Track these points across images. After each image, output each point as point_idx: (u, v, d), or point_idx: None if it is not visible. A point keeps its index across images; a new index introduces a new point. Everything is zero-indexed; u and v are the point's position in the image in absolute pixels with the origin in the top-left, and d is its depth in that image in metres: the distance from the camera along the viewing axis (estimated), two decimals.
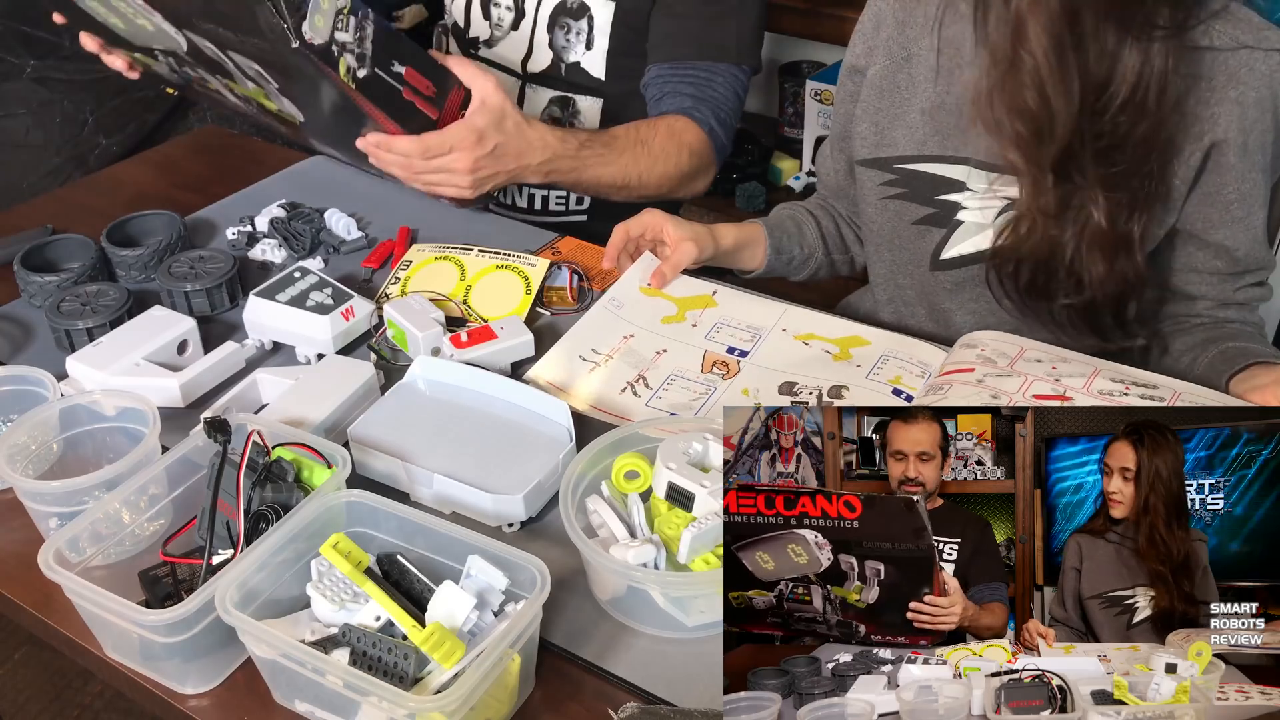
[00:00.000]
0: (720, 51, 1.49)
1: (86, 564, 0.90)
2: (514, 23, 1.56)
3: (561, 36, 1.53)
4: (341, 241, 1.42)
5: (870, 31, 1.27)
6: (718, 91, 1.50)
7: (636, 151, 1.45)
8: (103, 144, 1.99)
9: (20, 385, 1.10)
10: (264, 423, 0.97)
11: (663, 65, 1.50)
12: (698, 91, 1.49)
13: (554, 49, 1.54)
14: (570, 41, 1.53)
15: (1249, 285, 1.18)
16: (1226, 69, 1.07)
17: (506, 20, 1.56)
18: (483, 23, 1.59)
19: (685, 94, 1.49)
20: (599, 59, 1.53)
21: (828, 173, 1.41)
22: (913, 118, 1.22)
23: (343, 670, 0.77)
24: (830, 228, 1.41)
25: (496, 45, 1.59)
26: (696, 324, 1.24)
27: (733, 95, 1.51)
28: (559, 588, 0.91)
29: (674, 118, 1.49)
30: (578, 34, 1.52)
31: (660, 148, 1.46)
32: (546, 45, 1.55)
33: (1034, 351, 1.08)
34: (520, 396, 1.08)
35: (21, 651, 2.03)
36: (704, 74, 1.49)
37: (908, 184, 1.23)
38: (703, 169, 1.52)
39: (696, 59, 1.49)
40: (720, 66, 1.49)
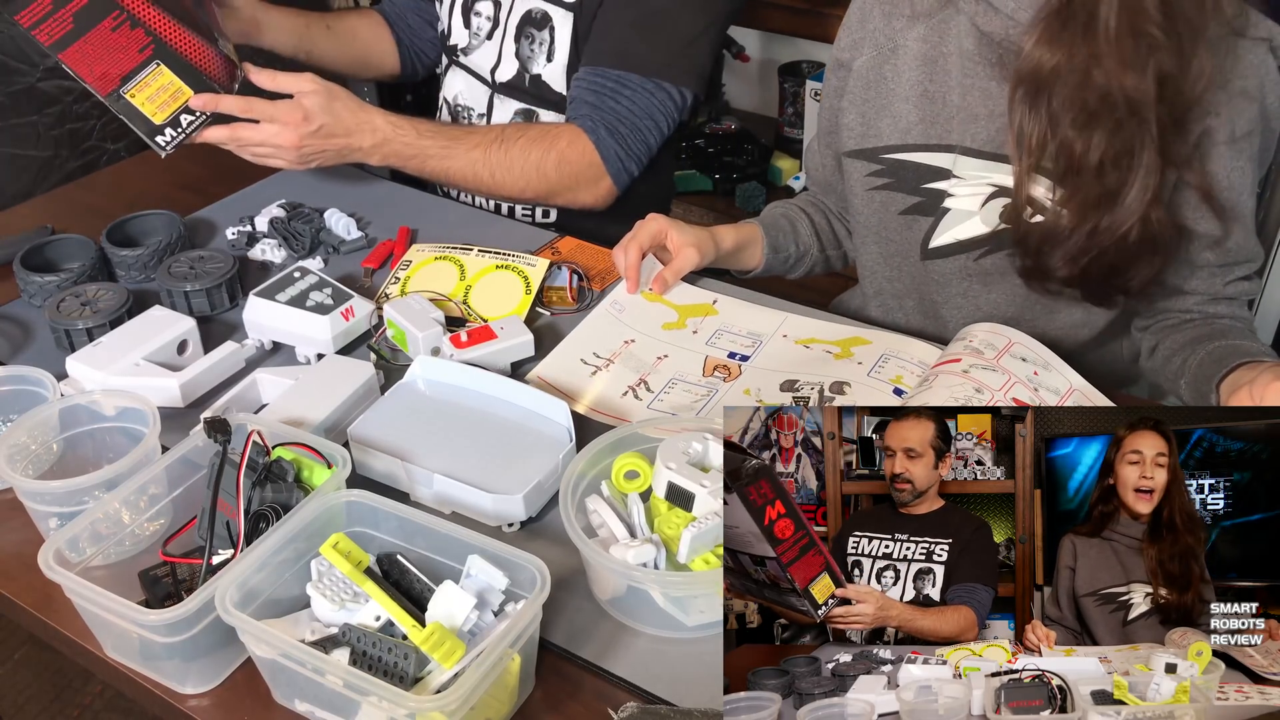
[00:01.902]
0: (636, 62, 1.43)
1: (86, 564, 0.90)
2: (489, 32, 1.55)
3: (526, 47, 1.52)
4: (341, 241, 1.42)
5: (856, 25, 1.27)
6: (622, 103, 1.43)
7: (489, 149, 1.42)
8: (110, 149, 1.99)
9: (20, 385, 1.10)
10: (264, 423, 0.97)
11: (583, 69, 1.47)
12: (598, 100, 1.44)
13: (519, 59, 1.53)
14: (534, 52, 1.52)
15: (1239, 279, 1.18)
16: (1216, 56, 1.07)
17: (484, 29, 1.56)
18: (463, 30, 1.59)
19: (587, 101, 1.45)
20: (559, 72, 1.51)
21: (816, 169, 1.41)
22: (899, 107, 1.22)
23: (343, 670, 0.77)
24: (823, 224, 1.42)
25: (472, 54, 1.60)
26: (697, 330, 1.24)
27: (643, 110, 1.44)
28: (559, 587, 0.91)
29: (556, 124, 1.46)
30: (540, 45, 1.51)
31: (521, 150, 1.42)
32: (513, 55, 1.54)
33: (1021, 348, 1.07)
34: (520, 396, 1.08)
35: (21, 651, 2.03)
36: (613, 83, 1.44)
37: (894, 174, 1.23)
38: (583, 181, 1.45)
39: (609, 66, 1.44)
40: (632, 78, 1.43)
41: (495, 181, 1.43)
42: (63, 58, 1.25)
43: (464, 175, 1.43)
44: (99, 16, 1.25)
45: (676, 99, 1.46)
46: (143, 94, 1.29)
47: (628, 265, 1.27)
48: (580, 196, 1.47)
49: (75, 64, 1.26)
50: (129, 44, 1.27)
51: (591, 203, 1.49)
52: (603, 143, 1.44)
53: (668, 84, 1.44)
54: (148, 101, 1.29)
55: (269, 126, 1.33)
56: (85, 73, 1.26)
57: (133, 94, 1.28)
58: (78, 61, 1.26)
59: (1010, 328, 1.11)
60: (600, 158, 1.44)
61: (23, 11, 1.23)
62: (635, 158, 1.47)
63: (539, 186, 1.44)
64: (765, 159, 2.43)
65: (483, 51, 1.57)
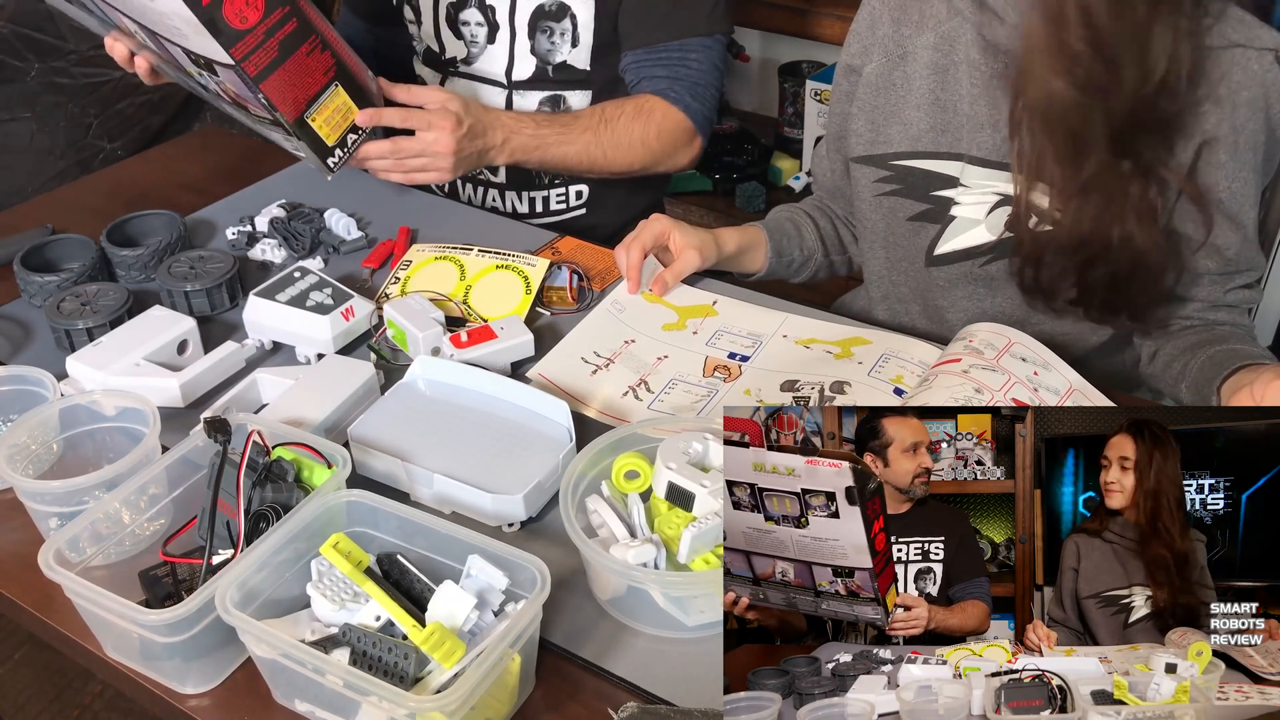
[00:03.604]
0: (688, 27, 1.51)
1: (87, 564, 0.90)
2: (489, 36, 1.55)
3: (545, 41, 1.53)
4: (341, 241, 1.42)
5: (866, 30, 1.27)
6: (691, 68, 1.52)
7: (599, 130, 1.48)
8: (107, 148, 1.99)
9: (20, 385, 1.10)
10: (264, 422, 0.97)
11: (636, 51, 1.52)
12: (671, 72, 1.51)
13: (537, 54, 1.54)
14: (555, 43, 1.53)
15: (1240, 287, 1.18)
16: (1219, 67, 1.07)
17: (481, 35, 1.56)
18: (456, 42, 1.59)
19: (660, 76, 1.52)
20: (584, 54, 1.54)
21: (824, 173, 1.41)
22: (908, 114, 1.22)
23: (343, 670, 0.77)
24: (828, 229, 1.42)
25: (475, 61, 1.59)
26: (697, 331, 1.24)
27: (709, 67, 1.54)
28: (559, 587, 0.91)
29: (644, 97, 1.52)
30: (562, 35, 1.52)
31: (625, 126, 1.49)
32: (529, 52, 1.54)
33: (1021, 348, 1.07)
34: (520, 396, 1.08)
35: (21, 651, 2.03)
36: (676, 53, 1.51)
37: (902, 180, 1.23)
38: (680, 145, 1.54)
39: (667, 39, 1.51)
40: (692, 42, 1.51)
41: (608, 159, 1.50)
42: (263, 88, 1.21)
43: (580, 158, 1.49)
44: (299, 42, 1.22)
45: (722, 47, 1.56)
46: (321, 116, 1.28)
47: (630, 265, 1.27)
48: (679, 160, 1.57)
49: (272, 93, 1.22)
50: (316, 67, 1.26)
51: (687, 164, 1.59)
52: (690, 108, 1.52)
53: (719, 35, 1.54)
54: (324, 124, 1.29)
55: (427, 134, 1.35)
56: (279, 100, 1.23)
57: (313, 118, 1.27)
58: (274, 90, 1.22)
59: (1010, 327, 1.11)
60: (692, 123, 1.53)
61: (236, 44, 1.15)
62: (714, 111, 1.57)
63: (645, 158, 1.53)
64: (765, 159, 2.43)
65: (487, 57, 1.58)
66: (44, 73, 1.81)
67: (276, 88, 1.21)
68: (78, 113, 1.90)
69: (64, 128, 1.92)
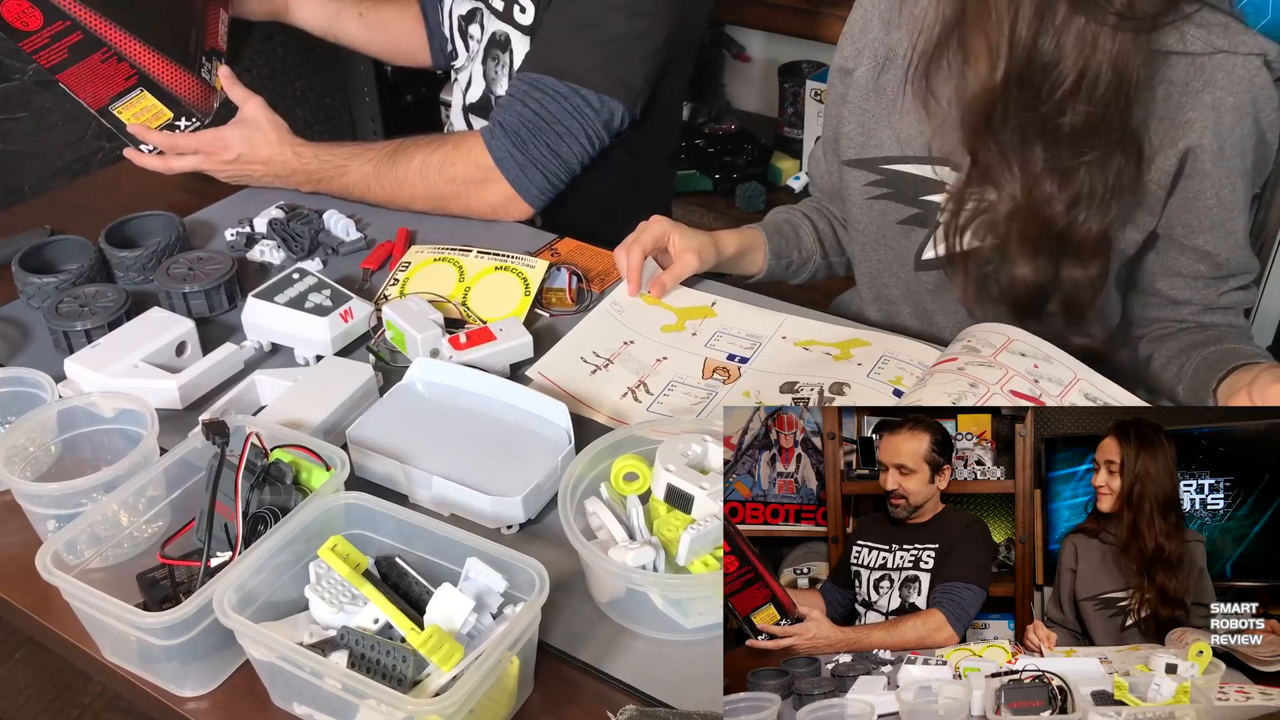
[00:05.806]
0: (552, 66, 1.38)
1: (84, 566, 0.90)
2: (475, 53, 1.58)
3: (492, 69, 1.54)
4: (340, 243, 1.42)
5: (857, 33, 1.27)
6: (530, 106, 1.38)
7: (381, 162, 1.44)
8: (106, 148, 1.99)
9: (18, 387, 1.10)
10: (262, 425, 0.97)
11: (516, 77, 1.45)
12: (507, 103, 1.41)
13: (486, 80, 1.55)
14: (497, 75, 1.53)
15: (1233, 290, 1.18)
16: (1202, 74, 1.06)
17: (475, 52, 1.58)
18: (463, 50, 1.62)
19: (500, 105, 1.43)
20: None
21: (820, 175, 1.40)
22: (897, 119, 1.22)
23: (341, 673, 0.77)
24: (826, 230, 1.42)
25: (458, 74, 1.62)
26: (696, 333, 1.24)
27: (554, 116, 1.38)
28: (558, 590, 0.91)
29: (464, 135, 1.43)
30: (502, 67, 1.52)
31: (407, 158, 1.42)
32: (481, 77, 1.55)
33: (1020, 344, 1.07)
34: (519, 398, 1.07)
35: (21, 652, 2.03)
36: (526, 86, 1.39)
37: (892, 184, 1.23)
38: (471, 183, 1.41)
39: (527, 70, 1.41)
40: (547, 82, 1.37)
41: (386, 191, 1.46)
42: (60, 78, 1.47)
43: (360, 190, 1.47)
44: (90, 50, 1.45)
45: (596, 106, 1.38)
46: (129, 111, 1.51)
47: (630, 267, 1.27)
48: (472, 202, 1.43)
49: (70, 84, 1.47)
50: (115, 74, 1.48)
51: (488, 210, 1.43)
52: (495, 143, 1.39)
53: (585, 90, 1.37)
54: (134, 118, 1.51)
55: (194, 158, 1.49)
56: (79, 91, 1.48)
57: (119, 110, 1.50)
58: (72, 82, 1.47)
59: (1009, 326, 1.11)
60: (491, 159, 1.39)
61: (22, 42, 1.42)
62: (540, 165, 1.40)
63: (425, 191, 1.43)
64: (765, 159, 2.43)
65: (464, 72, 1.60)
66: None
67: (73, 81, 1.46)
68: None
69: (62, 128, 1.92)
